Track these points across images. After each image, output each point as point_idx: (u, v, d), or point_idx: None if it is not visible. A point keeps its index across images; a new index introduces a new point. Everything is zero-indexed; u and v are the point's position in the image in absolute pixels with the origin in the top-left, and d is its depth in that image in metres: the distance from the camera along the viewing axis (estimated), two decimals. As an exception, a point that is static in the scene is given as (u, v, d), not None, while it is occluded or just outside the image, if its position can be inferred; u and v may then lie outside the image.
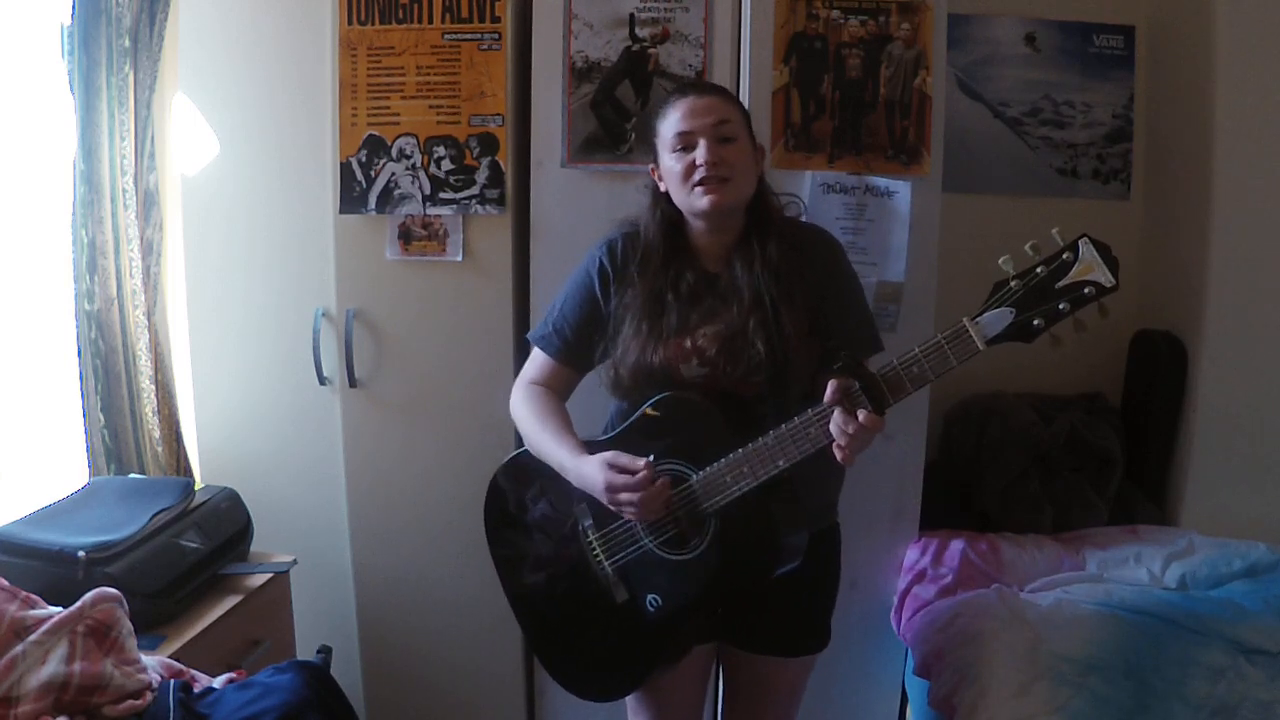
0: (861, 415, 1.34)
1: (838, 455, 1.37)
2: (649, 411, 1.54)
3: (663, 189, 1.59)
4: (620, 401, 1.64)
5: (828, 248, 1.64)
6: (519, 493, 1.70)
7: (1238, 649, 1.74)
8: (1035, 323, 1.28)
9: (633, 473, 1.46)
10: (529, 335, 1.74)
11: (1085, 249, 1.27)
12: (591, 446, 1.58)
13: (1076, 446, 2.27)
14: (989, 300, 1.30)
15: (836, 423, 1.35)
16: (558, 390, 1.69)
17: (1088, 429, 2.29)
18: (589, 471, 1.51)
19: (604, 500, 1.50)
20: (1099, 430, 2.30)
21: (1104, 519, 2.24)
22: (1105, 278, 1.26)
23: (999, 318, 1.29)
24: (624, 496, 1.47)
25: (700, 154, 1.50)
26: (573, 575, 1.63)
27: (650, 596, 1.55)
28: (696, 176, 1.51)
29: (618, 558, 1.58)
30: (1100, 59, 2.50)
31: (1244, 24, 2.14)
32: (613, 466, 1.48)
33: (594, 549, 1.61)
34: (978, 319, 1.30)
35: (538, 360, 1.69)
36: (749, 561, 1.51)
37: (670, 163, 1.55)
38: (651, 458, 1.48)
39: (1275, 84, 2.14)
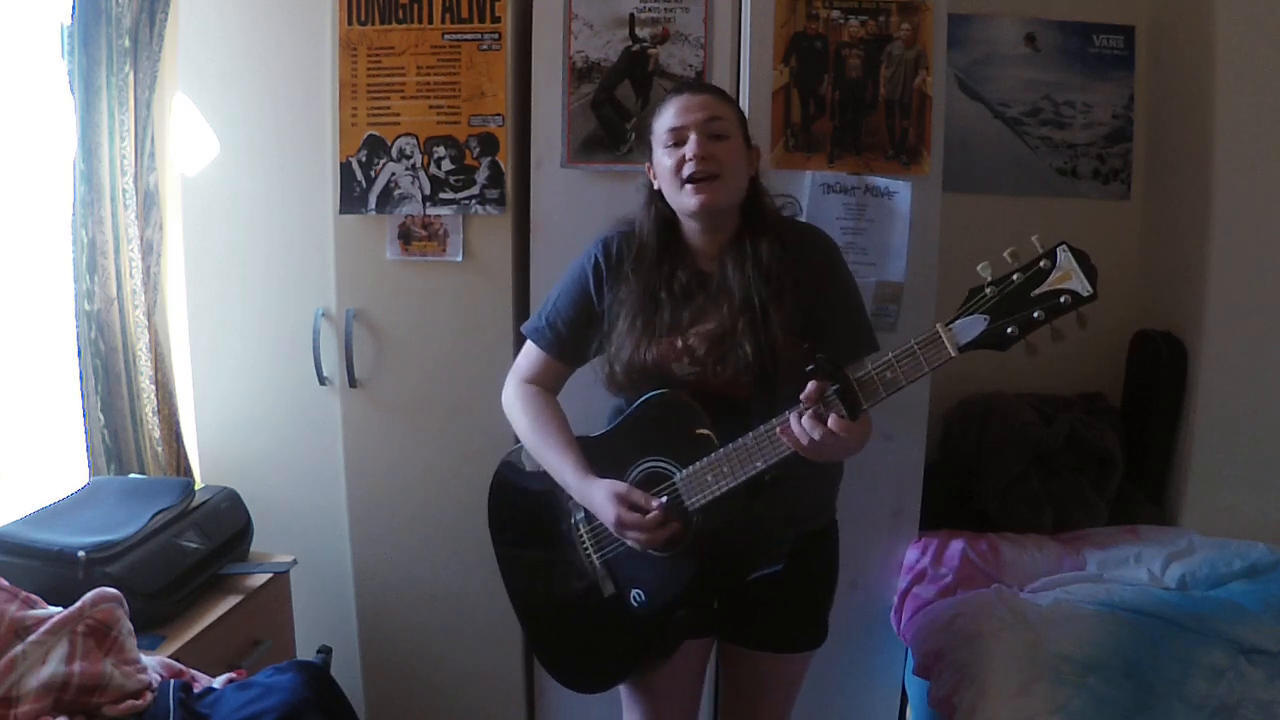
0: (831, 420, 1.33)
1: (797, 447, 1.37)
2: (647, 423, 1.54)
3: (657, 187, 1.59)
4: (616, 398, 1.65)
5: (822, 248, 1.64)
6: (520, 486, 1.72)
7: (1238, 649, 1.74)
8: (1009, 330, 1.25)
9: (644, 511, 1.48)
10: (523, 328, 1.74)
11: (1063, 256, 1.24)
12: (583, 444, 1.60)
13: (1076, 446, 2.27)
14: (963, 306, 1.28)
15: (803, 428, 1.35)
16: (550, 385, 1.70)
17: (1088, 429, 2.29)
18: (598, 500, 1.52)
19: (612, 531, 1.52)
20: (1099, 430, 2.30)
21: (1104, 519, 2.24)
22: (1083, 286, 1.23)
23: (972, 324, 1.26)
24: (632, 534, 1.50)
25: (690, 149, 1.50)
26: (565, 568, 1.64)
27: (635, 591, 1.56)
28: (686, 172, 1.51)
29: (605, 551, 1.59)
30: (1100, 59, 2.50)
31: (1244, 24, 2.14)
32: (624, 501, 1.49)
33: (583, 542, 1.62)
34: (951, 325, 1.28)
35: (530, 353, 1.71)
36: (729, 562, 1.52)
37: (662, 158, 1.55)
38: (665, 499, 1.49)
39: (1275, 84, 2.14)
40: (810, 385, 1.34)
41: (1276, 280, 2.18)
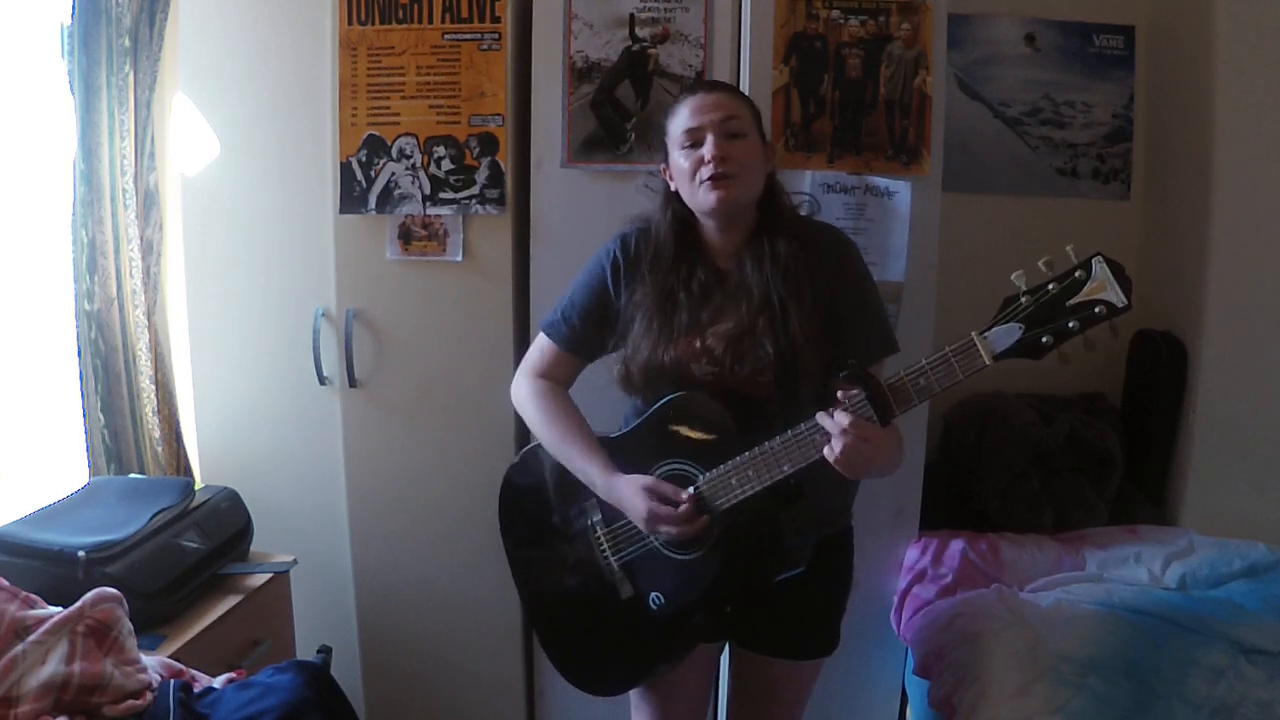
0: (859, 423, 1.34)
1: (829, 456, 1.37)
2: (668, 424, 1.54)
3: (674, 188, 1.59)
4: (632, 399, 1.64)
5: (839, 247, 1.63)
6: (531, 489, 1.71)
7: (1238, 649, 1.74)
8: (1044, 340, 1.27)
9: (675, 504, 1.47)
10: (540, 324, 1.73)
11: (1098, 267, 1.25)
12: (603, 444, 1.59)
13: (1076, 446, 2.27)
14: (998, 315, 1.29)
15: (838, 421, 1.35)
16: (562, 379, 1.69)
17: (1088, 429, 2.29)
18: (626, 495, 1.51)
19: (641, 526, 1.51)
20: (1099, 430, 2.30)
21: (1104, 519, 2.24)
22: (1117, 297, 1.25)
23: (1007, 333, 1.28)
24: (664, 529, 1.48)
25: (708, 149, 1.50)
26: (581, 570, 1.63)
27: (654, 594, 1.55)
28: (704, 173, 1.50)
29: (623, 554, 1.59)
30: (1100, 59, 2.50)
31: (1244, 24, 2.14)
32: (653, 494, 1.48)
33: (601, 545, 1.61)
34: (986, 334, 1.29)
35: (542, 346, 1.69)
36: (751, 565, 1.51)
37: (679, 159, 1.54)
38: (693, 490, 1.48)
39: (1275, 84, 2.14)
40: (844, 392, 1.35)
41: (1276, 280, 2.18)
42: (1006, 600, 1.92)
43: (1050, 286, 1.27)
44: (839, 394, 1.36)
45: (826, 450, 1.37)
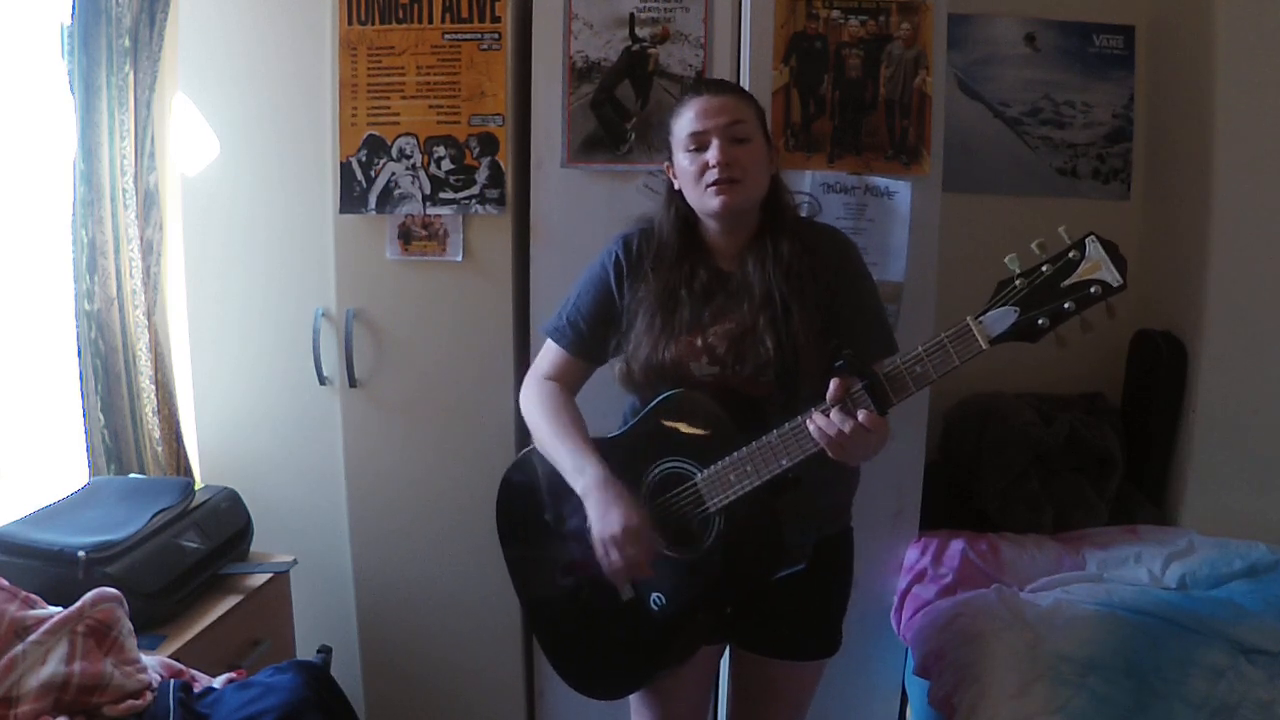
0: (861, 415, 1.33)
1: (829, 452, 1.37)
2: (665, 423, 1.54)
3: (677, 187, 1.59)
4: (633, 397, 1.64)
5: (841, 248, 1.63)
6: (529, 490, 1.70)
7: (1238, 649, 1.74)
8: (1040, 322, 1.26)
9: (644, 548, 1.47)
10: (542, 328, 1.73)
11: (1092, 247, 1.24)
12: (600, 445, 1.58)
13: (1076, 446, 2.27)
14: (993, 299, 1.28)
15: (832, 420, 1.35)
16: (570, 384, 1.68)
17: (1088, 429, 2.29)
18: (614, 501, 1.48)
19: (595, 538, 1.49)
20: (1099, 430, 2.30)
21: (1104, 519, 2.24)
22: (1112, 277, 1.24)
23: (1003, 317, 1.27)
24: (614, 556, 1.47)
25: (712, 155, 1.49)
26: (581, 573, 1.62)
27: (654, 595, 1.55)
28: (709, 178, 1.50)
29: None
30: (1100, 59, 2.50)
31: (1244, 24, 2.14)
32: (640, 526, 1.47)
33: None
34: (981, 318, 1.28)
35: (550, 352, 1.68)
36: (752, 562, 1.50)
37: (684, 162, 1.54)
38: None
39: (1275, 84, 2.14)
40: (836, 381, 1.34)
41: (1276, 280, 2.18)
42: (1006, 600, 1.92)
43: (1044, 268, 1.26)
44: (832, 385, 1.35)
45: (818, 434, 1.36)
